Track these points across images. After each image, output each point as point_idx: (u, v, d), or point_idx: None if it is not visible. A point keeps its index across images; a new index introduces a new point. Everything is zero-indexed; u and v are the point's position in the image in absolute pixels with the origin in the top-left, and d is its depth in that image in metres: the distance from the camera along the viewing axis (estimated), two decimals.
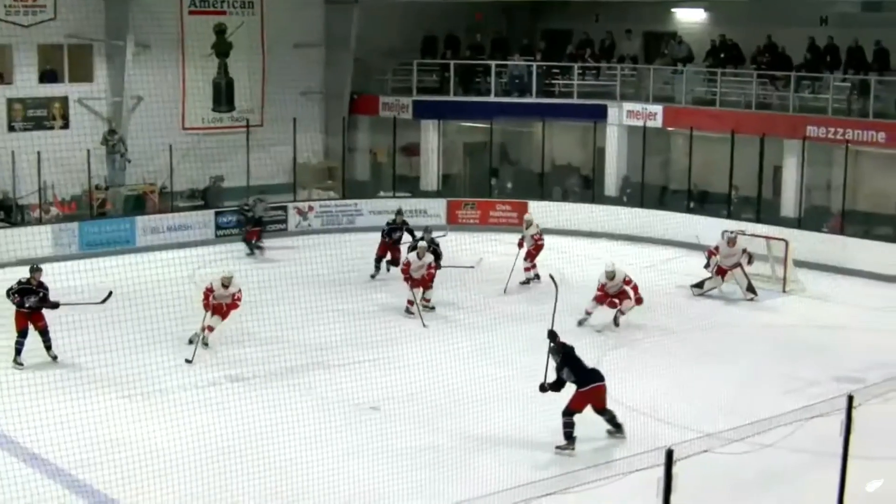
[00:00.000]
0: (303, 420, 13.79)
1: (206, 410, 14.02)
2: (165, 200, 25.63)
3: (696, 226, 24.30)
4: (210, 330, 17.00)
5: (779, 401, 14.14)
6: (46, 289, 16.47)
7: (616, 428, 13.68)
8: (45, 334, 16.36)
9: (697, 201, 26.38)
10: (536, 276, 21.49)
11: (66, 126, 25.06)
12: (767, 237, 22.18)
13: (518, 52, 29.06)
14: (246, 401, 14.78)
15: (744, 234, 21.53)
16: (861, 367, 16.47)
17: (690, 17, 28.76)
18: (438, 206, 27.38)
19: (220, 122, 27.57)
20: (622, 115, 27.49)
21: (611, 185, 27.95)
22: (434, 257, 19.75)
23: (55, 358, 16.30)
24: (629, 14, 28.52)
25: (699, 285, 21.17)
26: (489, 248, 21.39)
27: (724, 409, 14.30)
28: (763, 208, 25.00)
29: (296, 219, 26.78)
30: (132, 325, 16.37)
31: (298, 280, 20.01)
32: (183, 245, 24.27)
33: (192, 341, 16.88)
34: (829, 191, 25.12)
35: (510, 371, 15.76)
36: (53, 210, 24.19)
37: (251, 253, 24.28)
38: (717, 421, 13.15)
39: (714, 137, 25.93)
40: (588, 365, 13.71)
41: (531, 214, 22.88)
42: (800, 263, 22.09)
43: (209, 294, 17.08)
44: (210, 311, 17.05)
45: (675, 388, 15.55)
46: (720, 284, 21.03)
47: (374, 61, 28.82)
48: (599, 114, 27.60)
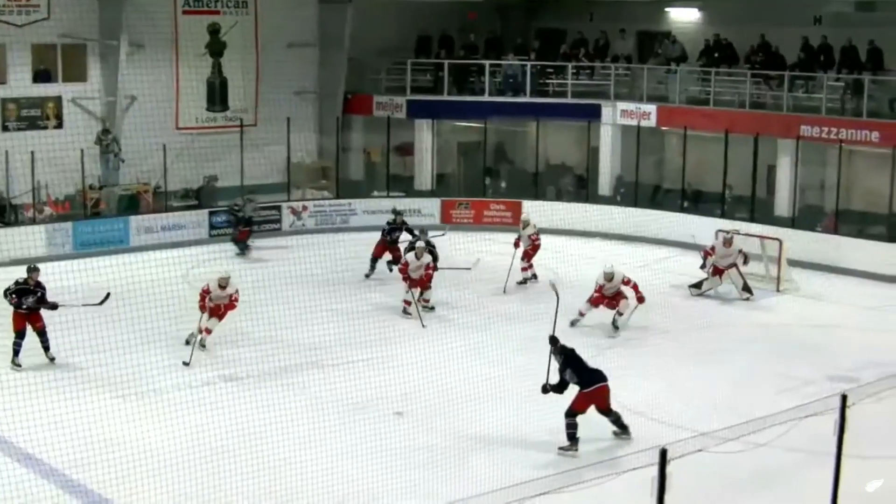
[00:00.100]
0: (297, 420, 13.75)
1: (200, 410, 13.99)
2: (159, 200, 25.57)
3: (691, 225, 24.34)
4: (207, 332, 16.91)
5: (773, 400, 14.17)
6: (44, 289, 16.38)
7: (622, 429, 13.66)
8: (43, 335, 16.28)
9: (691, 201, 26.38)
10: (534, 276, 21.51)
11: (59, 126, 24.95)
12: (761, 237, 22.23)
13: (512, 51, 29.02)
14: (240, 400, 14.75)
15: (738, 233, 21.55)
16: (855, 366, 16.52)
17: (684, 17, 28.77)
18: (432, 206, 27.38)
19: (214, 121, 27.49)
20: (616, 115, 27.48)
21: (605, 185, 27.93)
22: (432, 258, 19.76)
23: (53, 360, 16.23)
24: (623, 13, 28.53)
25: (697, 286, 21.19)
26: (483, 247, 21.37)
27: (719, 409, 14.33)
28: (757, 208, 25.06)
29: (290, 218, 26.77)
30: (126, 325, 16.24)
31: (292, 280, 19.99)
32: (177, 245, 24.23)
33: (188, 342, 16.83)
34: (823, 190, 25.14)
35: (504, 370, 15.78)
36: (47, 210, 24.13)
37: (241, 253, 24.26)
38: (711, 420, 13.19)
39: (708, 137, 25.97)
40: (591, 366, 13.68)
41: (528, 214, 22.88)
42: (794, 263, 22.14)
43: (205, 295, 16.92)
44: (207, 312, 16.93)
45: (669, 387, 15.60)
46: (718, 284, 21.04)
47: (368, 61, 28.75)
48: (593, 113, 27.59)
